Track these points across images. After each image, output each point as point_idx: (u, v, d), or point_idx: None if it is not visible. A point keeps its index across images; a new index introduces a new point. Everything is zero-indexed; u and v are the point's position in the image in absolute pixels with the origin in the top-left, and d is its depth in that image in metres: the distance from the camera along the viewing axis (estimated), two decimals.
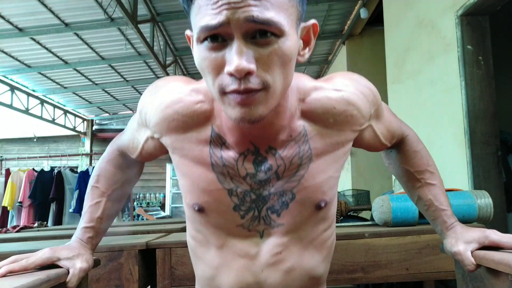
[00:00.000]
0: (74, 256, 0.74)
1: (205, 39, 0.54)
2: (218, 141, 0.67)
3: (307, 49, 0.63)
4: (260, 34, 0.53)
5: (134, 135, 0.80)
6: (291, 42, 0.56)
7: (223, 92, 0.56)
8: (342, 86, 0.69)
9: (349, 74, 0.73)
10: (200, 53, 0.56)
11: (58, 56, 5.35)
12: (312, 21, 0.63)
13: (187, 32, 0.64)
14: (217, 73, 0.55)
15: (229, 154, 0.67)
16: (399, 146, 0.86)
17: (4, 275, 0.67)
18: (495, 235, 0.72)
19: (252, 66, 0.53)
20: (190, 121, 0.68)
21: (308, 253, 0.73)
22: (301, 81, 0.69)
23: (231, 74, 0.53)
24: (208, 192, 0.69)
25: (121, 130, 0.91)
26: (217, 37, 0.53)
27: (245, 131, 0.65)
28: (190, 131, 0.68)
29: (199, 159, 0.68)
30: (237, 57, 0.52)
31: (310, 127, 0.68)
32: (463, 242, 0.75)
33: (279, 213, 0.69)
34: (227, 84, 0.54)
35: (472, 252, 0.72)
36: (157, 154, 0.79)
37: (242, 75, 0.52)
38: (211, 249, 0.74)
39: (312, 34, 0.63)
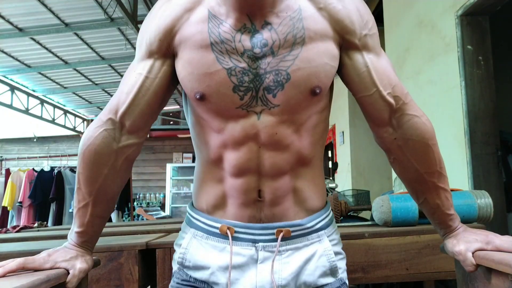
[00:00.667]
0: (72, 258, 0.74)
1: None
2: (215, 18, 0.71)
3: None
4: None
5: (129, 76, 0.79)
6: None
7: None
8: None
9: None
10: None
11: (58, 56, 5.36)
12: None
13: None
14: None
15: (227, 31, 0.70)
16: (406, 129, 0.76)
17: (3, 275, 0.67)
18: (498, 240, 0.71)
19: None
20: (188, 7, 0.73)
21: (299, 135, 0.76)
22: None
23: None
24: (209, 75, 0.71)
25: None
26: None
27: (240, 1, 0.68)
28: (187, 14, 0.73)
29: (199, 42, 0.71)
30: None
31: (304, 5, 0.71)
32: (464, 242, 0.75)
33: (274, 94, 0.71)
34: None
35: (473, 253, 0.72)
36: (157, 89, 0.76)
37: None
38: (213, 133, 0.76)
39: None
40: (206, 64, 0.71)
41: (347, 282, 0.82)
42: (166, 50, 0.75)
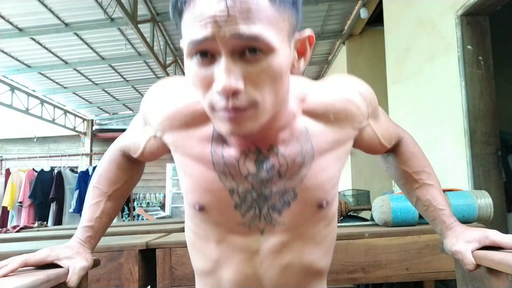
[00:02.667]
0: (73, 255, 0.75)
1: (194, 53, 0.54)
2: (219, 140, 0.67)
3: (302, 60, 0.63)
4: (249, 51, 0.52)
5: (136, 135, 0.81)
6: (281, 57, 0.55)
7: (212, 109, 0.56)
8: (340, 87, 0.71)
9: (346, 76, 0.75)
10: (190, 69, 0.56)
11: (58, 56, 5.35)
12: (308, 32, 0.62)
13: (181, 43, 0.61)
14: (206, 89, 0.55)
15: (230, 154, 0.67)
16: (396, 148, 0.88)
17: (5, 275, 0.67)
18: (495, 235, 0.72)
19: (240, 85, 0.52)
20: (192, 120, 0.68)
21: (308, 249, 0.73)
22: (300, 83, 0.70)
23: (218, 91, 0.53)
24: (209, 191, 0.69)
25: (121, 130, 0.92)
26: (206, 53, 0.53)
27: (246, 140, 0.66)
28: (192, 129, 0.68)
29: (201, 158, 0.68)
30: (224, 76, 0.52)
31: (311, 125, 0.68)
32: (463, 241, 0.75)
33: (280, 212, 0.69)
34: (216, 101, 0.55)
35: (472, 252, 0.72)
36: (159, 153, 0.79)
37: (230, 94, 0.52)
38: (211, 243, 0.74)
39: (308, 46, 0.63)
40: (208, 181, 0.68)
41: None
42: (161, 141, 0.75)
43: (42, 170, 5.88)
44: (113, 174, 0.85)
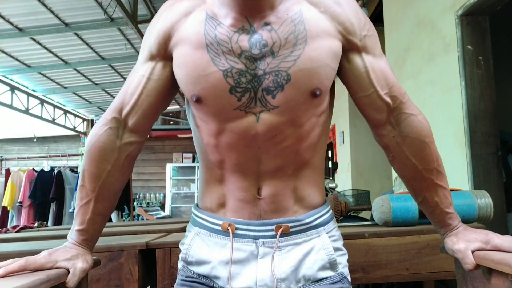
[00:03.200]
0: (73, 257, 0.75)
1: None
2: (212, 21, 0.71)
3: None
4: None
5: (132, 77, 0.80)
6: None
7: None
8: None
9: None
10: None
11: (58, 56, 5.36)
12: None
13: None
14: None
15: (223, 32, 0.70)
16: (404, 127, 0.78)
17: (3, 276, 0.67)
18: (497, 239, 0.72)
19: None
20: (188, 10, 0.74)
21: (298, 137, 0.76)
22: None
23: None
24: (204, 77, 0.70)
25: None
26: None
27: (239, 3, 0.68)
28: (189, 18, 0.73)
29: (195, 43, 0.71)
30: None
31: (305, 9, 0.72)
32: (464, 241, 0.75)
33: (274, 95, 0.71)
34: None
35: (472, 252, 0.72)
36: (159, 90, 0.78)
37: None
38: (212, 135, 0.77)
39: None
40: (201, 66, 0.71)
41: (348, 278, 0.83)
42: (165, 52, 0.77)
43: (42, 170, 5.89)
44: (94, 166, 0.79)
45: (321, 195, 0.83)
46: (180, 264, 0.85)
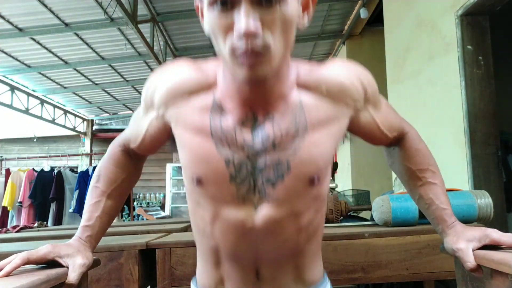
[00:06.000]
0: (73, 253, 0.75)
1: (215, 2, 0.61)
2: (218, 108, 0.71)
3: (306, 15, 0.70)
4: (266, 0, 0.60)
5: (137, 123, 0.83)
6: (292, 7, 0.63)
7: (233, 53, 0.62)
8: (337, 67, 0.76)
9: (347, 61, 0.78)
10: (211, 17, 0.63)
11: (58, 56, 5.35)
12: None
13: (196, 2, 0.70)
14: (226, 34, 0.62)
15: (228, 122, 0.70)
16: (400, 143, 0.88)
17: (8, 275, 0.67)
18: (495, 234, 0.73)
19: (258, 28, 0.59)
20: (193, 90, 0.72)
21: (297, 225, 0.75)
22: (300, 63, 0.75)
23: (239, 34, 0.59)
24: (206, 162, 0.71)
25: (121, 130, 0.93)
26: (226, 2, 0.60)
27: (245, 96, 0.68)
28: (193, 99, 0.72)
29: (199, 128, 0.71)
30: (245, 19, 0.59)
31: (305, 98, 0.72)
32: (464, 239, 0.75)
33: (274, 185, 0.71)
34: (236, 45, 0.61)
35: (473, 251, 0.73)
36: (160, 138, 0.81)
37: (250, 36, 0.59)
38: (209, 220, 0.76)
39: (310, 2, 0.70)
40: (204, 151, 0.70)
41: None
42: (162, 119, 0.77)
43: (42, 170, 5.89)
44: (111, 172, 0.87)
45: (320, 270, 0.83)
46: None
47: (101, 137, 9.04)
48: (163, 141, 0.82)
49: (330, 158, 0.75)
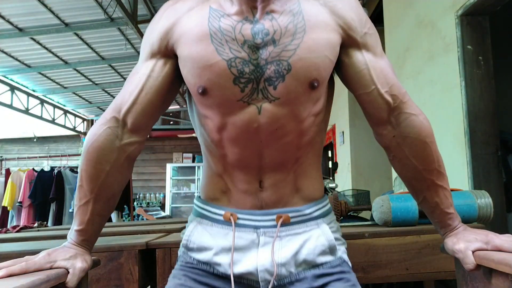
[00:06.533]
0: (72, 257, 0.74)
1: None
2: (216, 13, 0.74)
3: None
4: None
5: (133, 78, 0.80)
6: None
7: None
8: None
9: None
10: None
11: (58, 56, 5.36)
12: None
13: None
14: None
15: (227, 22, 0.72)
16: (406, 122, 0.78)
17: (6, 277, 0.67)
18: (498, 240, 0.72)
19: None
20: (191, 5, 0.76)
21: (298, 131, 0.77)
22: None
23: None
24: (209, 68, 0.72)
25: None
26: None
27: None
28: (191, 11, 0.76)
29: (199, 36, 0.73)
30: None
31: (304, 2, 0.75)
32: (464, 241, 0.75)
33: (275, 86, 0.72)
34: None
35: (473, 252, 0.72)
36: (159, 89, 0.79)
37: None
38: (215, 131, 0.78)
39: None
40: (206, 57, 0.72)
41: (349, 263, 0.84)
42: (166, 49, 0.78)
43: (42, 170, 5.89)
44: (91, 166, 0.78)
45: (319, 189, 0.85)
46: (180, 251, 0.86)
47: None
48: (161, 94, 0.78)
49: (330, 65, 0.75)
